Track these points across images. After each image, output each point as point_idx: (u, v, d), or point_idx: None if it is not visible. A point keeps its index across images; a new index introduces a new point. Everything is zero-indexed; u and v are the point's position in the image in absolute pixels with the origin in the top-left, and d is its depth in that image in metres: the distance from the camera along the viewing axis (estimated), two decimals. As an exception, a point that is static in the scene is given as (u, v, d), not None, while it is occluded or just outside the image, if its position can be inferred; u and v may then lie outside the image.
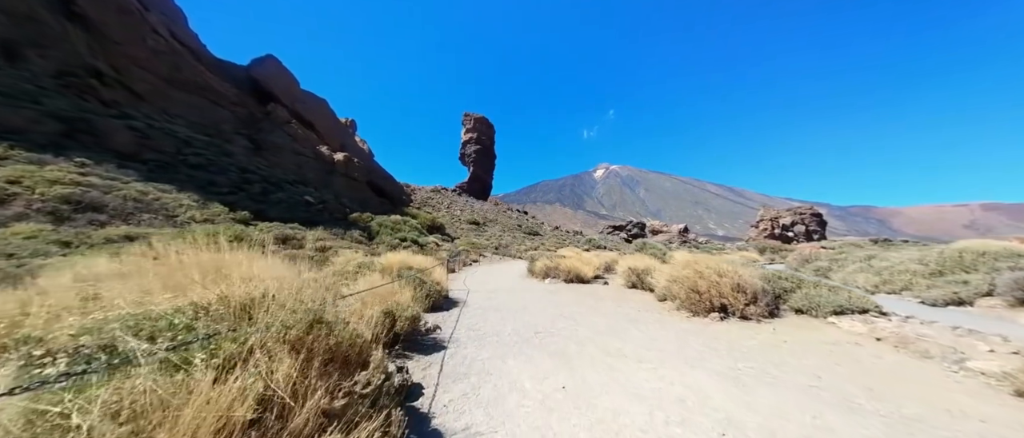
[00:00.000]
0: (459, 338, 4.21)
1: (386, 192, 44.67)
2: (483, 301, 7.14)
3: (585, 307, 6.50)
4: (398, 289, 4.31)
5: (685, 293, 5.24)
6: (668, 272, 6.36)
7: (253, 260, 2.63)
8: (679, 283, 5.46)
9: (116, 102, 22.54)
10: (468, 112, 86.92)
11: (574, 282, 10.57)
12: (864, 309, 4.58)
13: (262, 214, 16.70)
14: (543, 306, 6.64)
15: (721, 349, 3.64)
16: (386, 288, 3.97)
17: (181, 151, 20.39)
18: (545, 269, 11.72)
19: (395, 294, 3.99)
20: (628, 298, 7.57)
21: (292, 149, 33.64)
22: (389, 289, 4.00)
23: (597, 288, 9.56)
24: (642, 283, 8.63)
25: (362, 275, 5.42)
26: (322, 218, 21.63)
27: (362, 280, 4.80)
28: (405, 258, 6.52)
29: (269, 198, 20.14)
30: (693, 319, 5.05)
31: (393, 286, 4.12)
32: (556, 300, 7.38)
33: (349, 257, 7.60)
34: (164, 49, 29.66)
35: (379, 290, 3.88)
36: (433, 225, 32.68)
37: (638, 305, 6.55)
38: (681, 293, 5.31)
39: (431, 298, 5.76)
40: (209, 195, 16.02)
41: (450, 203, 60.05)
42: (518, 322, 5.19)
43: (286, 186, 24.39)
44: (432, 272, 6.52)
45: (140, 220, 9.85)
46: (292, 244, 12.38)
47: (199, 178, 18.18)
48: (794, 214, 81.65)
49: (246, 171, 22.30)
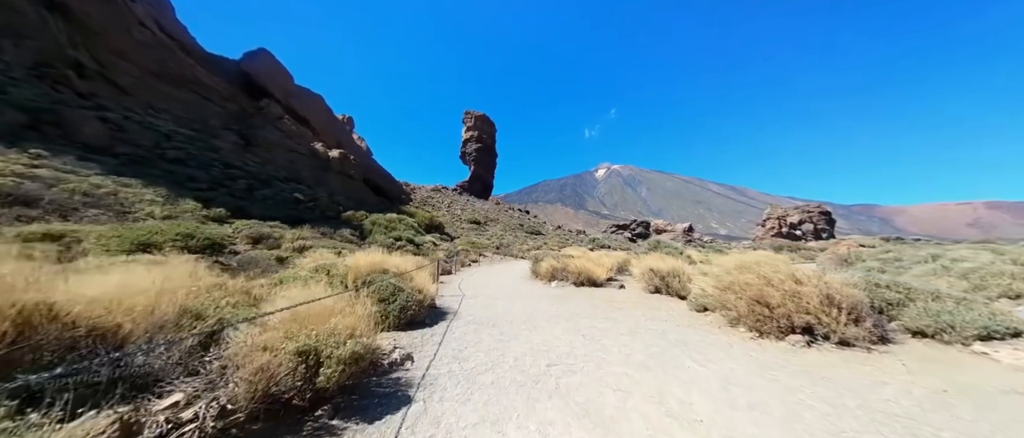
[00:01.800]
0: (437, 378, 2.82)
1: (384, 190, 43.41)
2: (479, 311, 5.76)
3: (607, 320, 5.11)
4: (352, 304, 2.93)
5: (746, 305, 3.84)
6: (712, 276, 4.94)
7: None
8: (735, 292, 4.06)
9: (94, 94, 21.31)
10: (469, 110, 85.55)
11: (585, 285, 9.17)
12: (1018, 331, 3.17)
13: (243, 211, 15.37)
14: (553, 318, 5.25)
15: (851, 407, 2.23)
16: (324, 305, 2.58)
17: (160, 145, 19.13)
18: (551, 270, 10.32)
19: (340, 314, 2.60)
20: (655, 306, 6.18)
21: (285, 145, 32.39)
22: (329, 306, 2.61)
23: (613, 293, 8.16)
24: (668, 288, 7.23)
25: (315, 282, 4.05)
26: (312, 216, 20.32)
27: (308, 289, 3.41)
28: (379, 260, 5.15)
29: (254, 195, 18.85)
30: (762, 342, 3.64)
31: (338, 301, 2.73)
32: (568, 309, 5.99)
33: (317, 257, 6.26)
34: (150, 41, 28.46)
35: (313, 308, 2.49)
36: (431, 224, 31.33)
37: (673, 317, 5.15)
38: (740, 305, 3.91)
39: (409, 311, 4.37)
40: (183, 191, 14.72)
41: (450, 202, 58.75)
42: (523, 345, 3.80)
43: (275, 183, 23.11)
44: (413, 277, 5.12)
45: (83, 216, 8.56)
46: (267, 243, 11.04)
47: (176, 173, 16.90)
48: (802, 212, 79.75)
49: (231, 167, 21.03)
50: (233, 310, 2.58)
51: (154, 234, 6.90)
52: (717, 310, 4.73)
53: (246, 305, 2.96)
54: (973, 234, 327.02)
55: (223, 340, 2.17)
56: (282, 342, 2.06)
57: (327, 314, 2.51)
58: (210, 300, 2.68)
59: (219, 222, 13.09)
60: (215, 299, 2.72)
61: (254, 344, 1.96)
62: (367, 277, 4.71)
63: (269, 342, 2.07)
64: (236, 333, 2.20)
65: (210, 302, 2.65)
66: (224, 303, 2.68)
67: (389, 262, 5.41)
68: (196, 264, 4.72)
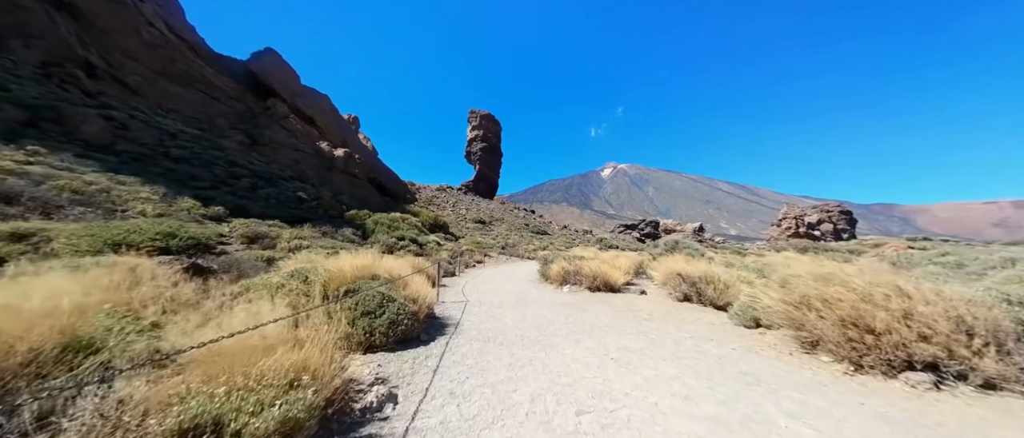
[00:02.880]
0: (424, 434, 2.03)
1: (389, 190, 43.15)
2: (484, 322, 4.98)
3: (638, 336, 4.26)
4: (318, 327, 2.16)
5: (834, 327, 2.95)
6: (769, 285, 4.04)
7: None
8: (815, 308, 3.17)
9: (101, 93, 21.32)
10: (474, 109, 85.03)
11: (601, 290, 8.31)
12: None
13: (243, 210, 14.95)
14: (572, 332, 4.43)
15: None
16: (271, 334, 1.81)
17: (163, 143, 18.94)
18: (563, 273, 9.48)
19: (290, 344, 1.83)
20: (689, 318, 5.29)
21: (290, 145, 32.28)
22: (277, 336, 1.84)
23: (635, 300, 7.27)
24: (700, 295, 6.33)
25: (283, 293, 3.32)
26: (315, 215, 19.91)
27: (271, 303, 2.67)
28: (368, 262, 4.40)
29: (257, 194, 18.50)
30: (864, 380, 2.73)
31: (282, 329, 1.96)
32: (588, 320, 5.15)
33: (303, 259, 5.57)
34: (159, 42, 28.59)
35: (247, 342, 1.73)
36: (436, 223, 30.77)
37: (719, 335, 4.26)
38: (825, 327, 3.01)
39: (400, 327, 3.60)
40: (183, 189, 14.36)
41: (455, 202, 58.26)
42: (540, 376, 2.99)
43: (280, 182, 22.82)
44: (408, 282, 4.36)
45: (68, 214, 8.10)
46: (263, 243, 10.48)
47: (178, 171, 16.62)
48: (820, 211, 76.72)
49: (235, 165, 20.77)
50: (136, 339, 1.85)
51: (131, 233, 6.32)
52: (777, 327, 3.84)
53: (180, 325, 2.23)
54: (1000, 234, 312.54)
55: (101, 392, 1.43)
56: (177, 402, 1.30)
57: (266, 348, 1.74)
58: (118, 324, 1.95)
59: (217, 221, 12.65)
60: (124, 323, 1.99)
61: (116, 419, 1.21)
62: (352, 284, 3.96)
63: (159, 398, 1.31)
64: (124, 384, 1.44)
65: (117, 327, 1.92)
66: (131, 330, 1.94)
67: (381, 265, 4.66)
68: (158, 267, 4.04)
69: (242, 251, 9.21)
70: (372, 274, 4.33)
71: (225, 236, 10.81)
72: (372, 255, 4.78)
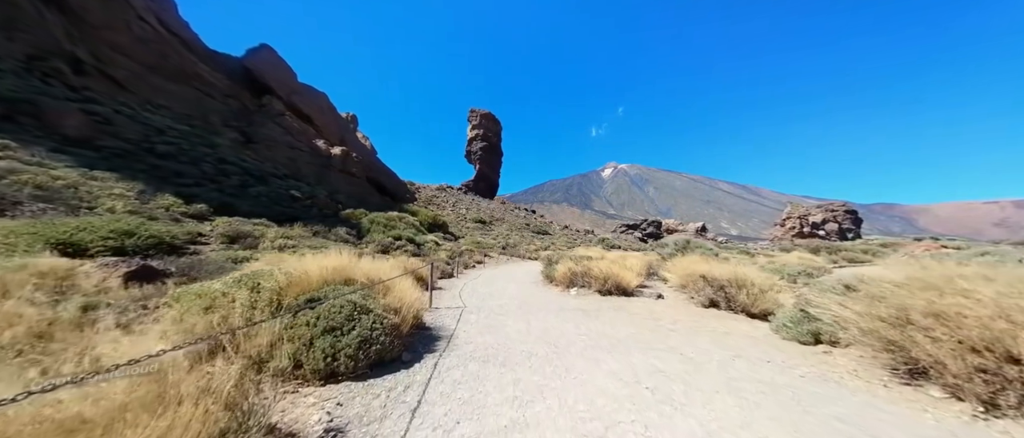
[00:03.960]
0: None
1: (388, 189, 42.42)
2: (483, 333, 4.19)
3: (671, 354, 3.47)
4: (230, 360, 1.37)
5: (956, 355, 2.16)
6: (832, 291, 3.25)
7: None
8: (921, 327, 2.37)
9: (87, 88, 20.59)
10: (474, 108, 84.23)
11: (612, 294, 7.51)
12: None
13: (230, 208, 14.18)
14: (590, 348, 3.65)
15: None
16: (124, 386, 1.00)
17: (149, 139, 18.19)
18: (569, 274, 8.68)
19: (174, 404, 1.04)
20: (721, 329, 4.51)
21: (286, 142, 31.55)
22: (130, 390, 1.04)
23: (652, 306, 6.48)
24: (729, 301, 5.53)
25: (219, 307, 2.53)
26: (308, 214, 19.15)
27: (205, 317, 1.88)
28: (343, 264, 3.61)
29: (247, 192, 17.74)
30: (1004, 425, 1.96)
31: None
32: (605, 332, 4.36)
33: (273, 260, 4.77)
34: (150, 37, 27.86)
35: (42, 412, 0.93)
36: (434, 223, 29.99)
37: (770, 353, 3.47)
38: (942, 353, 2.22)
39: (374, 346, 2.81)
40: (165, 186, 13.60)
41: (455, 201, 57.48)
42: (558, 420, 2.20)
43: (273, 180, 22.07)
44: (390, 288, 3.57)
45: (26, 211, 7.34)
46: (244, 242, 9.71)
47: (163, 168, 15.87)
48: (825, 211, 75.72)
49: (225, 163, 20.01)
50: None
51: (80, 231, 5.55)
52: (847, 345, 3.05)
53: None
54: (1000, 234, 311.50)
55: None
56: None
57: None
58: None
59: (199, 219, 11.89)
60: None
61: None
62: (318, 291, 3.17)
63: None
64: None
65: None
66: None
67: (359, 267, 3.87)
68: (97, 270, 3.25)
69: (220, 251, 8.44)
70: (346, 278, 3.54)
71: (204, 235, 10.04)
72: (348, 255, 3.99)
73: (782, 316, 4.09)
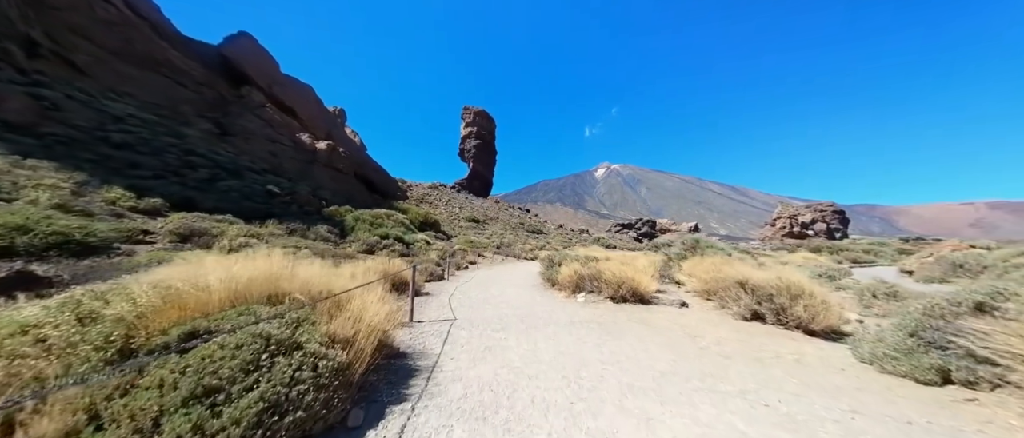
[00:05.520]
0: None
1: (377, 186, 40.78)
2: (476, 365, 3.09)
3: (753, 412, 2.43)
4: None
5: None
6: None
7: None
8: None
9: (39, 72, 18.60)
10: (468, 105, 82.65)
11: (628, 301, 6.48)
12: None
13: (192, 203, 12.68)
14: (632, 397, 2.58)
15: None
16: None
17: (104, 127, 16.42)
18: (575, 278, 7.62)
19: None
20: (785, 355, 3.50)
21: (266, 135, 29.69)
22: None
23: (681, 318, 5.46)
24: (779, 313, 4.55)
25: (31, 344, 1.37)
26: (286, 211, 17.65)
27: None
28: (267, 271, 2.46)
29: (215, 186, 16.15)
30: None
31: None
32: (638, 360, 3.30)
33: (209, 264, 3.56)
34: (115, 19, 25.67)
35: None
36: (426, 221, 28.64)
37: (899, 404, 2.44)
38: None
39: (286, 419, 1.64)
40: (115, 177, 12.03)
41: (449, 200, 55.98)
42: None
43: (248, 174, 20.41)
44: (343, 304, 2.40)
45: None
46: (198, 241, 8.34)
47: (116, 159, 14.21)
48: (814, 211, 76.90)
49: (193, 155, 18.31)
50: None
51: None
52: (990, 384, 2.05)
53: None
54: (975, 234, 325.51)
55: None
56: None
57: None
58: None
59: (152, 214, 10.42)
60: None
61: None
62: (215, 317, 1.99)
63: None
64: None
65: None
66: None
67: (300, 274, 2.70)
68: None
69: (165, 251, 7.11)
70: (272, 293, 2.36)
71: (151, 232, 8.63)
72: (280, 258, 2.82)
73: (870, 339, 3.08)
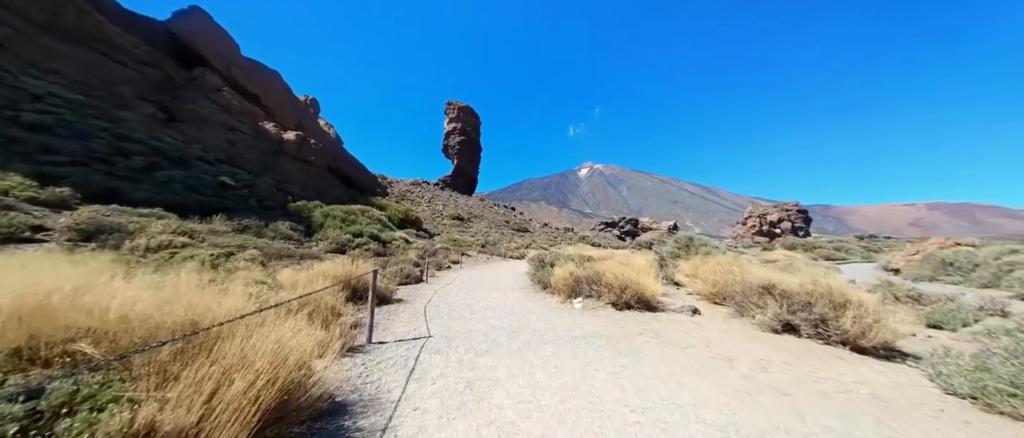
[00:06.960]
0: None
1: (354, 181, 38.30)
2: (450, 421, 2.11)
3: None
4: None
5: None
6: None
7: None
8: None
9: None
10: (452, 100, 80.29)
11: (631, 307, 5.71)
12: None
13: (117, 194, 10.70)
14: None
15: None
16: None
17: (15, 106, 13.76)
18: (571, 280, 6.77)
19: None
20: (867, 390, 2.79)
21: (222, 122, 26.78)
22: None
23: (699, 330, 4.71)
24: (819, 326, 3.87)
25: None
26: (243, 205, 15.69)
27: None
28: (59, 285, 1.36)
29: (152, 175, 13.97)
30: None
31: None
32: (677, 406, 2.47)
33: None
34: (38, -15, 22.10)
35: None
36: (406, 218, 26.98)
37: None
38: None
39: None
40: (20, 163, 9.88)
41: (432, 197, 53.95)
42: None
43: (197, 164, 18.03)
44: (227, 341, 1.31)
45: None
46: (107, 240, 6.70)
47: (25, 141, 11.84)
48: (780, 210, 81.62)
49: (127, 140, 15.83)
50: None
51: None
52: None
53: None
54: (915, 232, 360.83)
55: None
56: None
57: None
58: None
59: (57, 207, 8.50)
60: None
61: None
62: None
63: None
64: None
65: None
66: None
67: (119, 300, 1.57)
68: None
69: (54, 251, 5.54)
70: (37, 336, 1.24)
71: (46, 228, 6.88)
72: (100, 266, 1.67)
73: (967, 366, 2.38)
